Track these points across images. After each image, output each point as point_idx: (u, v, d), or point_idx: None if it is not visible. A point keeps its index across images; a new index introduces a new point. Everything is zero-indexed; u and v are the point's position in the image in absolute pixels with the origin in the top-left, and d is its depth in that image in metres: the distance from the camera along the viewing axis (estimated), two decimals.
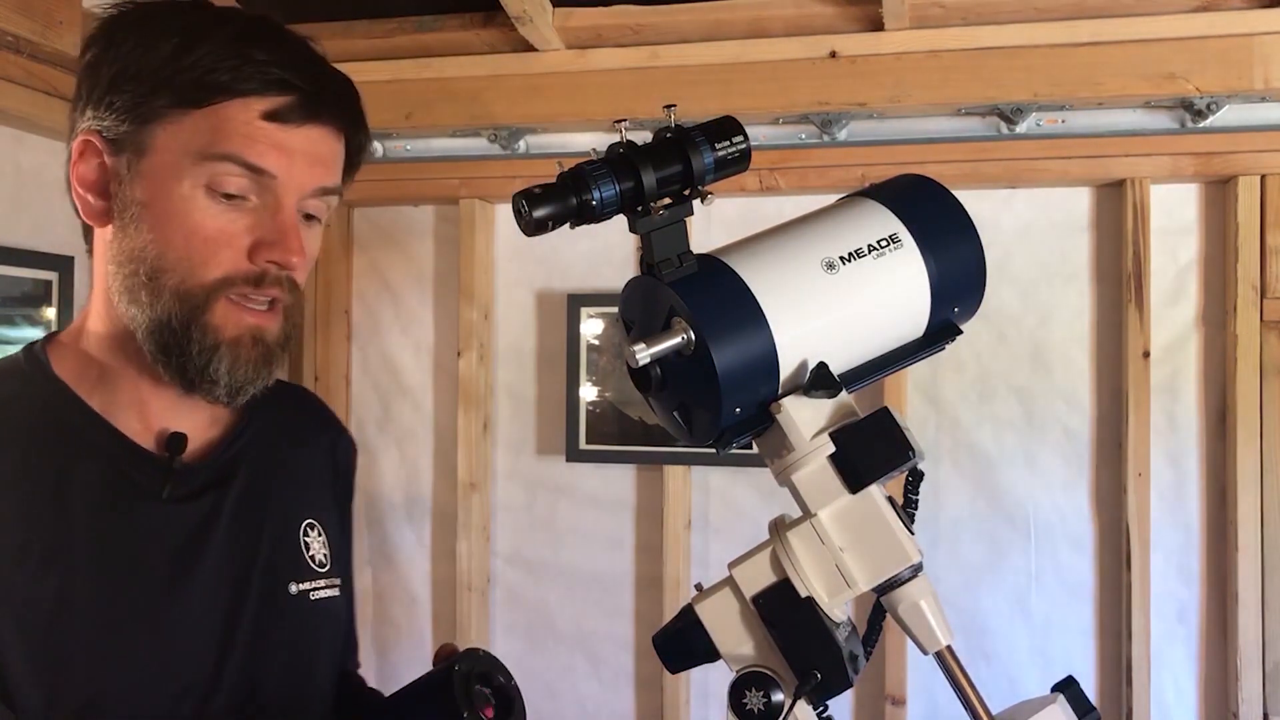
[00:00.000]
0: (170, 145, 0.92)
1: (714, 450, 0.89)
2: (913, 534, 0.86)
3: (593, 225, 0.84)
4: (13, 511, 0.90)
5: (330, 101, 0.96)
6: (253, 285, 0.93)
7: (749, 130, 0.86)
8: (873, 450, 0.83)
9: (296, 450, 1.13)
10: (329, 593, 1.08)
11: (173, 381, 0.95)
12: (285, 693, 1.02)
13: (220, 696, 0.95)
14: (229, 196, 0.92)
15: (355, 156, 1.03)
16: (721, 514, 2.30)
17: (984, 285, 0.95)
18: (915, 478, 0.90)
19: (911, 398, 2.19)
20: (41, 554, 0.89)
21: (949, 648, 0.86)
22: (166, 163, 0.92)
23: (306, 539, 1.08)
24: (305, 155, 0.94)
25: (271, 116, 0.92)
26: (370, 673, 1.42)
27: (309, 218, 0.98)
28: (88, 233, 1.00)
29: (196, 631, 0.95)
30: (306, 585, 1.05)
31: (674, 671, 0.94)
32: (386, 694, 1.10)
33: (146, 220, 0.93)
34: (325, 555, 1.09)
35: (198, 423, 1.01)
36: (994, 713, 0.86)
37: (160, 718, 0.82)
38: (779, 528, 0.87)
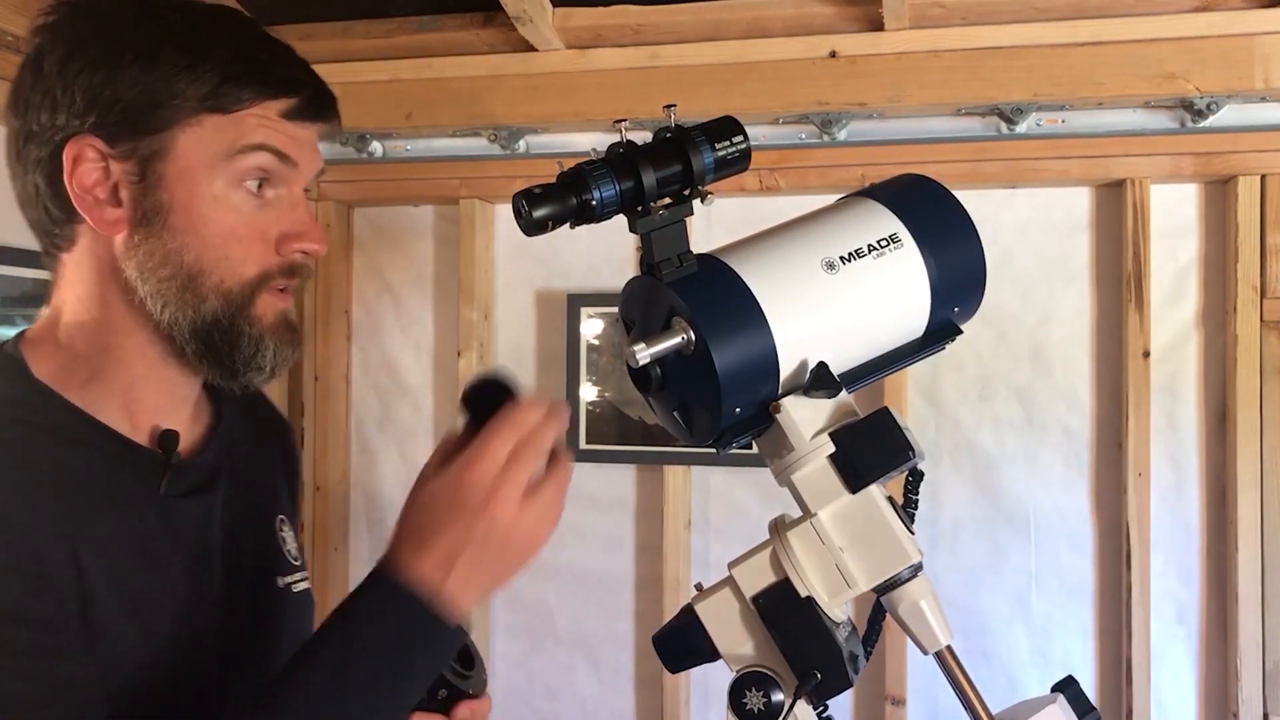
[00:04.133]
0: (194, 149, 0.92)
1: (714, 450, 0.89)
2: (913, 534, 0.86)
3: (593, 225, 0.84)
4: (26, 520, 0.85)
5: (329, 98, 1.01)
6: (287, 276, 0.97)
7: (749, 130, 0.86)
8: (873, 450, 0.84)
9: (259, 449, 1.15)
10: (305, 584, 1.12)
11: (212, 374, 0.98)
12: None
13: (229, 692, 0.96)
14: (259, 190, 0.95)
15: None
16: (721, 514, 2.30)
17: (984, 285, 0.95)
18: (915, 478, 0.90)
19: (911, 398, 2.19)
20: (65, 558, 0.86)
21: (949, 648, 0.86)
22: (194, 165, 0.92)
23: (282, 534, 1.12)
24: (310, 147, 0.99)
25: (288, 115, 0.96)
26: None
27: None
28: (57, 235, 0.96)
29: (206, 628, 0.97)
30: (288, 579, 1.09)
31: (674, 671, 0.94)
32: None
33: (178, 224, 0.92)
34: (297, 548, 1.14)
35: (184, 420, 1.02)
36: (994, 713, 0.86)
37: (170, 710, 0.84)
38: (779, 528, 0.87)
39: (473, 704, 1.02)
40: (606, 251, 2.33)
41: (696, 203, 0.86)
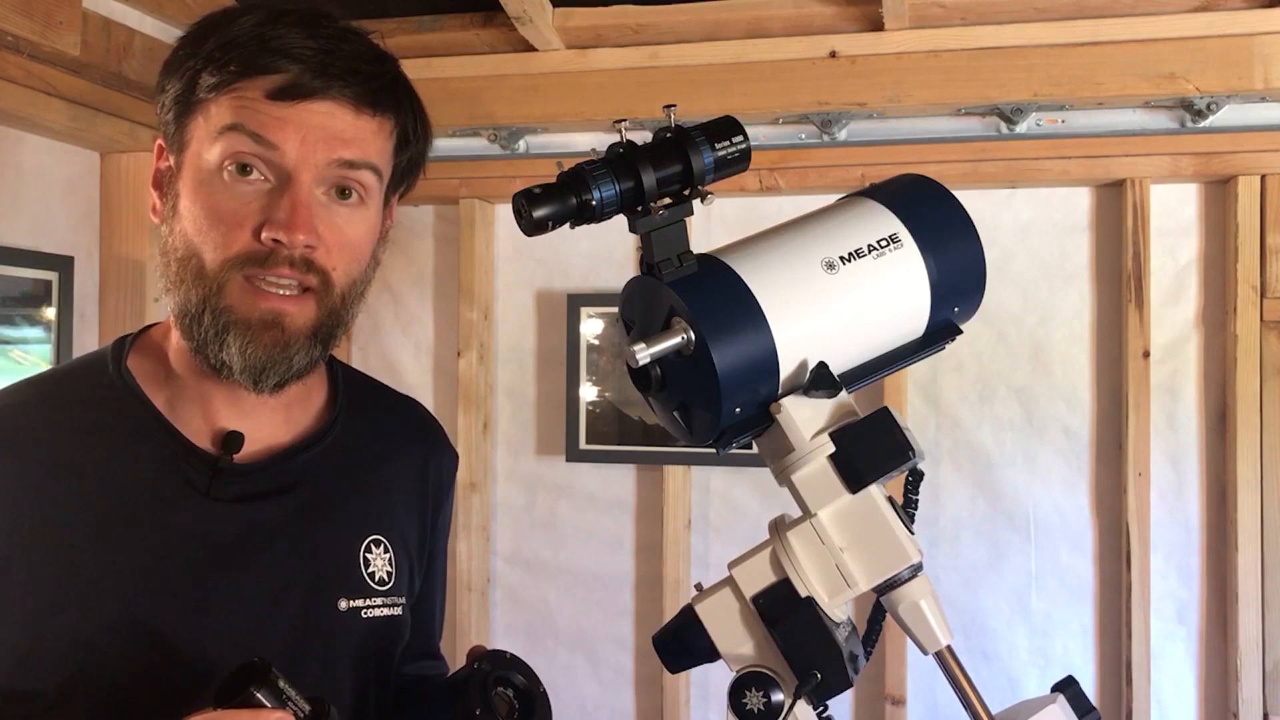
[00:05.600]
0: (198, 135, 0.94)
1: (714, 450, 0.89)
2: (913, 534, 0.86)
3: (593, 225, 0.84)
4: (53, 498, 0.91)
5: (337, 75, 0.93)
6: (259, 265, 0.91)
7: (749, 130, 0.86)
8: (873, 450, 0.83)
9: (379, 464, 1.10)
10: (387, 611, 1.05)
11: (205, 369, 0.95)
12: None
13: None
14: (244, 171, 0.91)
15: (410, 139, 1.01)
16: (721, 514, 2.30)
17: (984, 285, 0.95)
18: (915, 478, 0.90)
19: (911, 398, 2.19)
20: (69, 540, 0.90)
21: (949, 648, 0.85)
22: (195, 152, 0.94)
23: (368, 555, 1.05)
24: (317, 130, 0.93)
25: (273, 94, 0.91)
26: None
27: (344, 195, 0.96)
28: None
29: (224, 633, 0.94)
30: (359, 602, 1.03)
31: (674, 671, 0.94)
32: None
33: (181, 209, 0.94)
34: (389, 573, 1.06)
35: (265, 425, 1.00)
36: (994, 713, 0.86)
37: (164, 703, 0.83)
38: (779, 528, 0.87)
39: None
40: (606, 251, 2.33)
41: (696, 203, 0.86)
